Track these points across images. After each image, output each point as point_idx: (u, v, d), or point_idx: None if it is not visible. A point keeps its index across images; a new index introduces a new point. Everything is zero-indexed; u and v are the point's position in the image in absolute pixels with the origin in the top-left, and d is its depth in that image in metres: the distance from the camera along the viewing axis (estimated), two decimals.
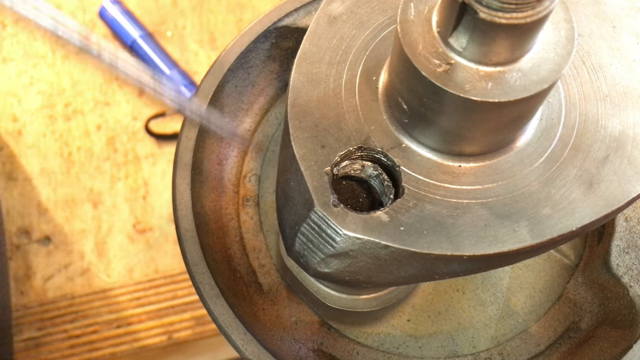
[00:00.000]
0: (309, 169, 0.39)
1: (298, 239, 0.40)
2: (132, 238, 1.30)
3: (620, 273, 0.53)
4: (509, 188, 0.39)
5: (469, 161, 0.40)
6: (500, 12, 0.31)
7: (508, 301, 0.58)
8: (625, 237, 0.54)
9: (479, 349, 0.56)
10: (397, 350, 0.56)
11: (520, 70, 0.34)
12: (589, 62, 0.42)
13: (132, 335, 1.27)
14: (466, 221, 0.38)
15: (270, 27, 0.58)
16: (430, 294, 0.58)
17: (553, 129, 0.40)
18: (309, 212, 0.38)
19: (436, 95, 0.35)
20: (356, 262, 0.39)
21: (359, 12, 0.44)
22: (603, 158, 0.39)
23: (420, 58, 0.35)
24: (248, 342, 0.48)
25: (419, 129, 0.39)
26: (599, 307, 0.55)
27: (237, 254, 0.58)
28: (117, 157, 1.37)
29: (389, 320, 0.57)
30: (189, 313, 1.27)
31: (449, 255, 0.37)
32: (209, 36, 1.48)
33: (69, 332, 1.27)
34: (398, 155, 0.40)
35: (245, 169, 0.62)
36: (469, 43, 0.33)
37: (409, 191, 0.39)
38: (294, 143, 0.40)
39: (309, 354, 0.54)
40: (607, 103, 0.41)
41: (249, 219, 0.60)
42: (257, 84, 0.63)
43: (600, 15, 0.43)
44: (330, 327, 0.56)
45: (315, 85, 0.42)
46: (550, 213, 0.38)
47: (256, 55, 0.60)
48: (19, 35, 1.59)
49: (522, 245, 0.37)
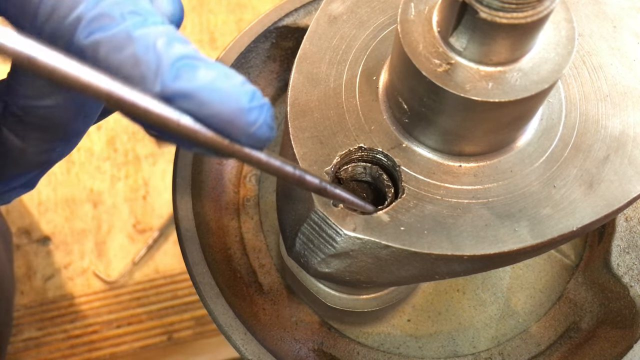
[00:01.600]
0: (309, 169, 0.39)
1: (298, 239, 0.40)
2: (132, 238, 1.30)
3: (621, 273, 0.53)
4: (509, 188, 0.39)
5: (470, 161, 0.39)
6: (500, 12, 0.31)
7: (508, 301, 0.58)
8: (626, 237, 0.54)
9: (479, 349, 0.56)
10: (398, 350, 0.56)
11: (521, 70, 0.34)
12: (589, 62, 0.42)
13: (132, 335, 1.27)
14: (466, 221, 0.38)
15: (270, 27, 0.58)
16: (430, 294, 0.58)
17: (553, 128, 0.40)
18: (309, 212, 0.38)
19: (436, 95, 0.35)
20: (356, 262, 0.39)
21: (359, 12, 0.44)
22: (603, 158, 0.39)
23: (421, 58, 0.35)
24: (248, 342, 0.48)
25: (419, 128, 0.39)
26: (599, 307, 0.55)
27: (237, 254, 0.58)
28: (117, 157, 1.37)
29: (389, 320, 0.57)
30: (189, 313, 1.27)
31: (450, 255, 0.37)
32: (209, 36, 1.48)
33: (69, 332, 1.27)
34: (398, 155, 0.40)
35: (245, 169, 0.63)
36: (470, 43, 0.33)
37: (409, 191, 0.39)
38: (294, 143, 0.40)
39: (309, 354, 0.54)
40: (607, 103, 0.40)
41: (249, 219, 0.60)
42: (257, 84, 0.63)
43: (601, 15, 0.43)
44: (330, 327, 0.56)
45: (316, 85, 0.42)
46: (551, 213, 0.38)
47: (256, 55, 0.60)
48: None
49: (523, 245, 0.37)
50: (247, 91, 0.30)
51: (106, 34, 0.30)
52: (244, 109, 0.30)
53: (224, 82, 0.30)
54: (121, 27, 0.30)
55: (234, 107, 0.30)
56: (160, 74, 0.29)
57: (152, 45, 0.30)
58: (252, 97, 0.30)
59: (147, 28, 0.30)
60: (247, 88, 0.30)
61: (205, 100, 0.29)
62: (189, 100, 0.29)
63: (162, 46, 0.30)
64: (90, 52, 0.30)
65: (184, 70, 0.30)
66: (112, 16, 0.30)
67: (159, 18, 0.32)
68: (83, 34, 0.30)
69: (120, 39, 0.30)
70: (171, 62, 0.30)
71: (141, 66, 0.29)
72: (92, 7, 0.30)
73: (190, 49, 0.31)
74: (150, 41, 0.30)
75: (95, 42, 0.30)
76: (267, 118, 0.31)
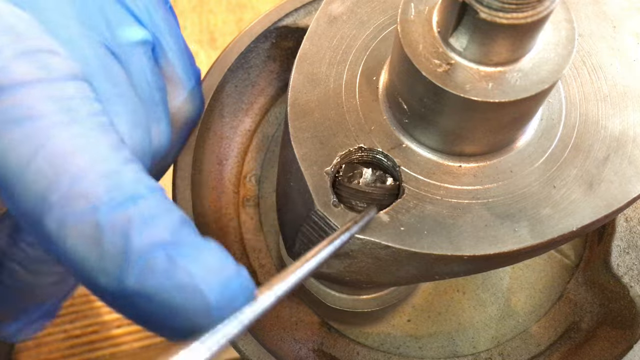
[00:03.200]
0: (309, 169, 0.39)
1: (298, 239, 0.40)
2: None
3: (621, 273, 0.53)
4: (509, 188, 0.39)
5: (470, 161, 0.39)
6: (500, 12, 0.31)
7: (508, 301, 0.58)
8: (626, 237, 0.54)
9: (479, 349, 0.56)
10: (398, 350, 0.56)
11: (521, 70, 0.34)
12: (589, 62, 0.42)
13: (132, 335, 1.27)
14: (466, 221, 0.38)
15: (270, 27, 0.58)
16: (430, 294, 0.58)
17: (553, 129, 0.40)
18: (309, 212, 0.38)
19: (436, 96, 0.35)
20: (356, 263, 0.39)
21: (359, 12, 0.44)
22: (603, 158, 0.39)
23: (421, 58, 0.35)
24: (248, 342, 0.48)
25: (420, 129, 0.39)
26: (599, 307, 0.55)
27: (237, 254, 0.58)
28: None
29: (389, 321, 0.57)
30: None
31: (449, 256, 0.37)
32: (209, 36, 1.48)
33: (69, 332, 1.27)
34: (398, 155, 0.40)
35: (245, 169, 0.62)
36: (470, 43, 0.33)
37: (409, 191, 0.39)
38: (294, 143, 0.40)
39: (309, 354, 0.54)
40: (607, 103, 0.40)
41: (249, 219, 0.60)
42: (257, 84, 0.63)
43: (601, 15, 0.43)
44: (330, 327, 0.56)
45: (316, 85, 0.42)
46: (551, 213, 0.38)
47: (256, 55, 0.60)
48: None
49: (523, 246, 0.37)
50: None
51: (73, 223, 0.27)
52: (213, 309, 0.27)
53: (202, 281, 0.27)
54: (90, 217, 0.27)
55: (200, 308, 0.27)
56: (123, 269, 0.27)
57: (120, 232, 0.27)
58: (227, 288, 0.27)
59: (120, 211, 0.27)
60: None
61: (170, 303, 0.26)
62: (150, 302, 0.26)
63: (134, 234, 0.27)
64: (58, 241, 0.28)
65: (152, 264, 0.27)
66: (87, 199, 0.27)
67: (143, 190, 0.29)
68: (52, 220, 0.28)
69: (87, 230, 0.27)
70: (140, 257, 0.27)
71: (106, 261, 0.27)
72: (64, 190, 0.28)
73: (169, 229, 0.28)
74: (119, 228, 0.27)
75: (63, 231, 0.27)
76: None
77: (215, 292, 0.27)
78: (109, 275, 0.27)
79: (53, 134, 0.28)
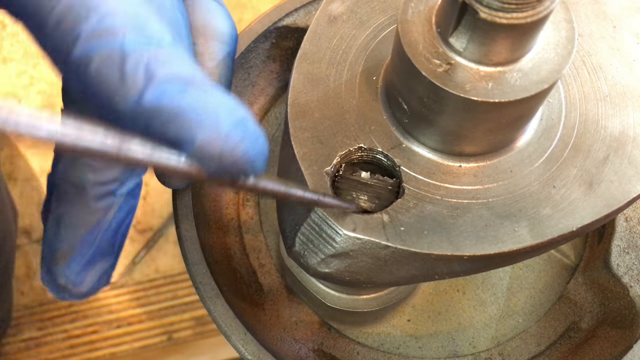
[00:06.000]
0: (309, 169, 0.39)
1: (298, 239, 0.40)
2: (132, 238, 1.30)
3: (621, 273, 0.53)
4: (509, 188, 0.39)
5: (470, 161, 0.40)
6: (500, 12, 0.31)
7: (508, 301, 0.58)
8: (626, 237, 0.54)
9: (479, 349, 0.56)
10: (398, 350, 0.56)
11: (521, 70, 0.34)
12: (589, 62, 0.42)
13: (132, 335, 1.27)
14: (466, 221, 0.38)
15: (270, 27, 0.58)
16: (430, 294, 0.58)
17: (553, 129, 0.40)
18: (309, 212, 0.38)
19: (436, 95, 0.35)
20: (356, 262, 0.39)
21: (359, 12, 0.44)
22: (603, 158, 0.39)
23: (421, 58, 0.35)
24: (248, 342, 0.48)
25: (419, 129, 0.39)
26: (599, 307, 0.55)
27: (237, 254, 0.58)
28: None
29: (389, 320, 0.57)
30: (189, 313, 1.27)
31: (449, 256, 0.37)
32: None
33: (69, 332, 1.27)
34: (398, 155, 0.40)
35: None
36: (470, 43, 0.33)
37: (409, 191, 0.39)
38: (294, 143, 0.40)
39: (309, 354, 0.54)
40: (607, 103, 0.41)
41: (249, 219, 0.60)
42: (257, 84, 0.63)
43: (601, 15, 0.43)
44: (330, 327, 0.56)
45: (315, 85, 0.42)
46: (551, 213, 0.38)
47: (256, 55, 0.60)
48: (19, 35, 1.59)
49: (523, 246, 0.37)
50: (236, 118, 0.30)
51: (100, 51, 0.30)
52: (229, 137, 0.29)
53: (216, 106, 0.29)
54: (117, 44, 0.30)
55: (217, 134, 0.29)
56: (144, 91, 0.29)
57: (144, 62, 0.29)
58: (240, 124, 0.30)
59: (145, 47, 0.30)
60: (239, 115, 0.30)
61: (187, 123, 0.29)
62: (168, 120, 0.29)
63: (156, 64, 0.30)
64: (82, 68, 0.30)
65: (170, 89, 0.29)
66: (114, 33, 0.30)
67: (168, 39, 0.31)
68: (79, 50, 0.30)
69: (112, 56, 0.30)
70: (159, 81, 0.29)
71: (127, 81, 0.29)
72: (94, 24, 0.30)
73: (189, 71, 0.30)
74: (142, 58, 0.30)
75: (88, 58, 0.30)
76: (255, 147, 0.30)
77: (228, 124, 0.29)
78: (127, 95, 0.29)
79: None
